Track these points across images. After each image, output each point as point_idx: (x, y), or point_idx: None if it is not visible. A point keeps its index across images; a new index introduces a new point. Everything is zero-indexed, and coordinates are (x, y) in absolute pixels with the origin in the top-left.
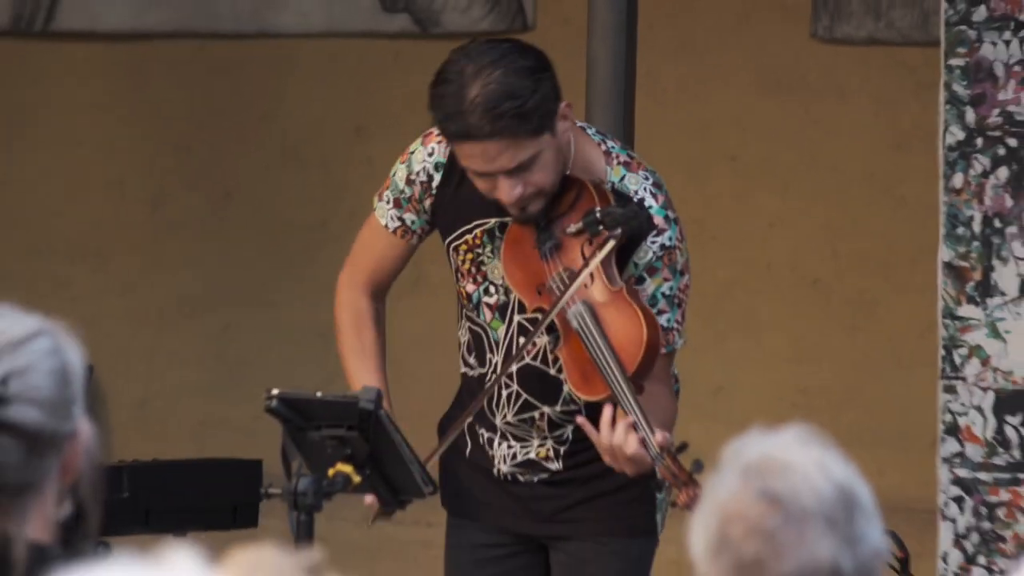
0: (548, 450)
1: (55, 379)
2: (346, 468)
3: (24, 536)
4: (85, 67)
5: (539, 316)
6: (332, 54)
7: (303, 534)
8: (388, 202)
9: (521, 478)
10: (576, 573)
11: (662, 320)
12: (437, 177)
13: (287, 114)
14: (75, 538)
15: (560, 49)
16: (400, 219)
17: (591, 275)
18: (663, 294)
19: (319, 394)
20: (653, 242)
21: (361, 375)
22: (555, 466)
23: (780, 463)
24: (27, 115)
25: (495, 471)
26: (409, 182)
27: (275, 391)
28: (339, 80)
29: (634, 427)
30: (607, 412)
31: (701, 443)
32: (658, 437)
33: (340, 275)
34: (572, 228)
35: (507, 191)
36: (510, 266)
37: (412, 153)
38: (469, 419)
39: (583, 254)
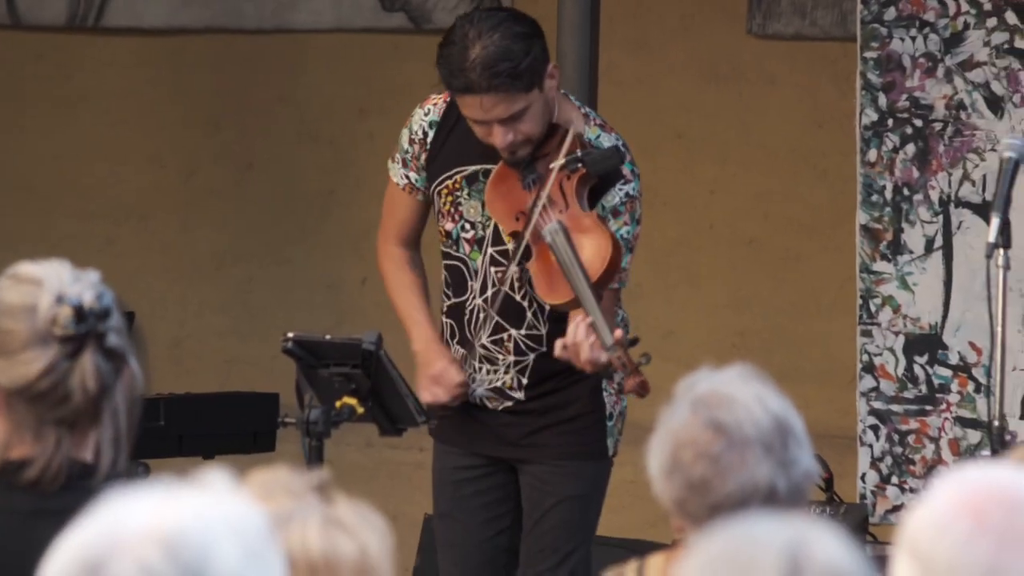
0: (512, 379)
1: (118, 311)
2: (351, 401)
3: (90, 456)
4: (130, 58)
5: (511, 246)
6: (339, 47)
7: (314, 458)
8: (398, 163)
9: (490, 405)
10: (539, 492)
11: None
12: (431, 133)
13: (301, 98)
14: (115, 456)
15: None
16: (407, 177)
17: (565, 200)
18: (622, 236)
19: (328, 337)
20: (621, 189)
21: (408, 310)
22: (519, 395)
23: (725, 396)
24: (80, 99)
25: (472, 397)
26: (411, 141)
27: (290, 334)
28: (345, 69)
29: (592, 326)
30: (574, 317)
31: (654, 380)
32: (616, 333)
33: (377, 240)
34: (554, 164)
35: (500, 137)
36: (493, 197)
37: (412, 116)
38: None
39: (561, 187)
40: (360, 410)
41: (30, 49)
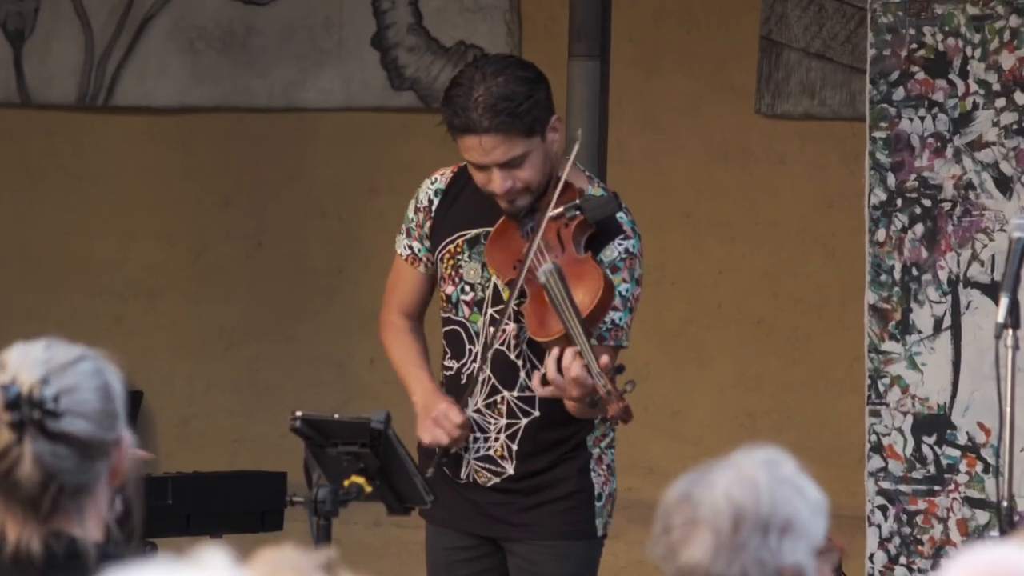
0: (503, 446)
1: (99, 395)
2: (359, 480)
3: (88, 535)
4: (140, 136)
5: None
6: (349, 125)
7: (322, 536)
8: (403, 234)
9: (480, 480)
10: (529, 573)
11: (615, 317)
12: (436, 201)
13: (310, 176)
14: (124, 535)
15: None
16: (410, 247)
17: (562, 246)
18: (620, 293)
19: (336, 416)
20: (620, 244)
21: (407, 366)
22: (508, 468)
23: (703, 473)
24: (90, 176)
25: (462, 472)
26: (416, 210)
27: (298, 413)
28: (355, 147)
29: (579, 355)
30: (553, 352)
31: (662, 459)
32: (602, 360)
33: (380, 314)
34: (553, 212)
35: (499, 183)
36: (491, 249)
37: (420, 187)
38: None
39: (559, 235)
40: (368, 489)
41: (40, 127)
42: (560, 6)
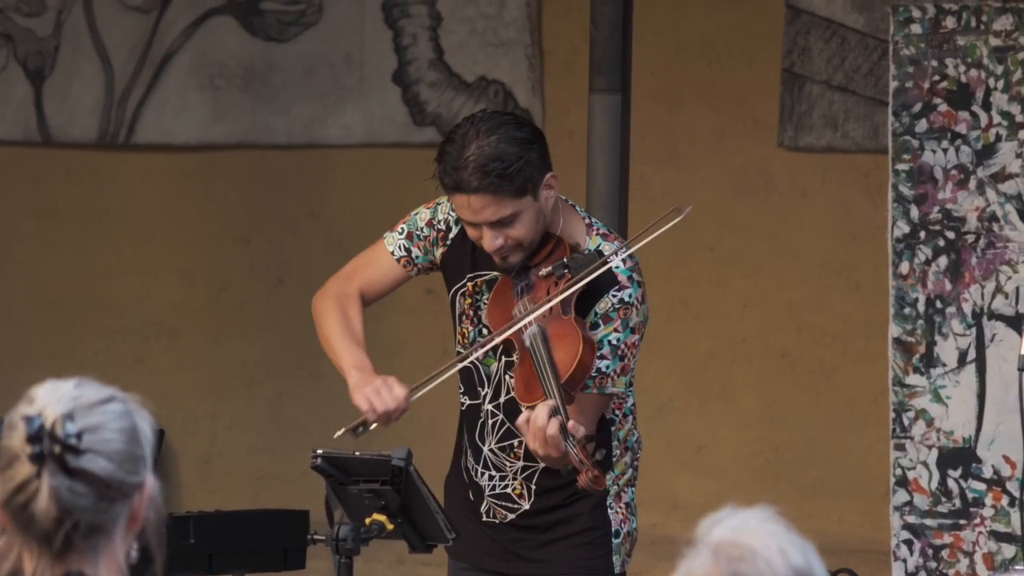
0: (520, 485)
1: (124, 436)
2: (381, 517)
3: None
4: (160, 174)
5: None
6: (370, 161)
7: (344, 575)
8: (401, 233)
9: (497, 517)
10: None
11: (601, 365)
12: (455, 230)
13: (331, 212)
14: None
15: (565, 158)
16: (407, 250)
17: (550, 308)
18: (609, 341)
19: (357, 453)
20: (614, 295)
21: (347, 348)
22: (525, 504)
23: (747, 548)
24: (111, 214)
25: (481, 507)
26: (430, 224)
27: (320, 451)
28: (376, 183)
29: (556, 413)
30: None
31: (686, 494)
32: (570, 425)
33: (326, 283)
34: (543, 271)
35: (489, 241)
36: (491, 306)
37: (439, 204)
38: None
39: (548, 293)
40: (390, 527)
41: (61, 166)
42: (581, 40)
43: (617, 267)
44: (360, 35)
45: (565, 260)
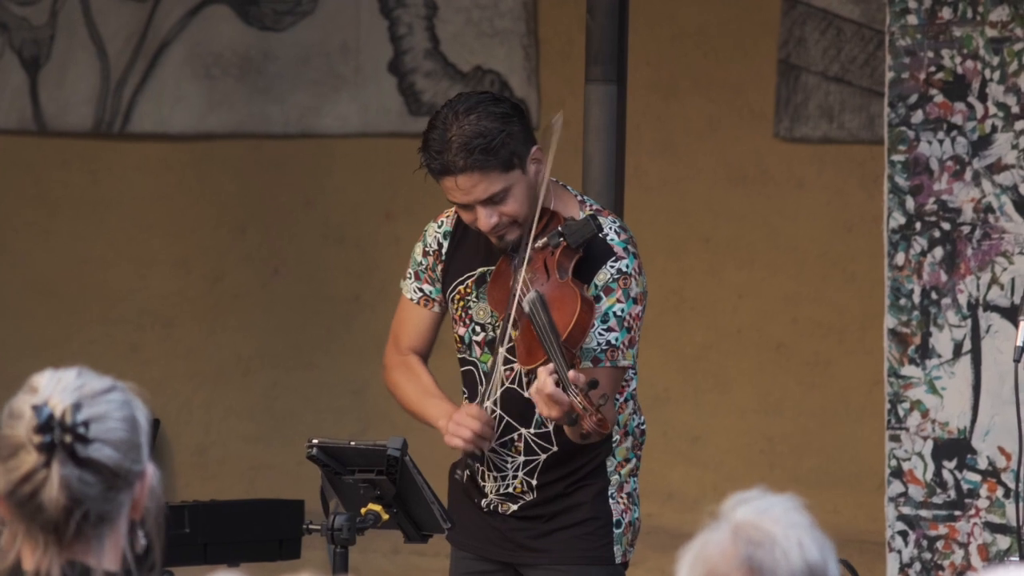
0: (521, 482)
1: (126, 425)
2: (376, 507)
3: (101, 566)
4: (156, 163)
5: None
6: (366, 151)
7: (340, 565)
8: (410, 278)
9: (500, 509)
10: None
11: (610, 337)
12: (446, 244)
13: (327, 202)
14: (143, 568)
15: (560, 148)
16: (420, 290)
17: (547, 273)
18: (615, 313)
19: (353, 443)
20: (612, 266)
21: (432, 404)
22: (529, 497)
23: (768, 534)
24: (106, 204)
25: (483, 503)
26: (424, 254)
27: (315, 440)
28: (371, 173)
29: (555, 373)
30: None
31: (682, 485)
32: (571, 375)
33: (384, 358)
34: (539, 243)
35: (484, 219)
36: (491, 289)
37: (426, 231)
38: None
39: (545, 264)
40: (385, 516)
41: (56, 155)
42: (577, 30)
43: (612, 239)
44: (356, 25)
45: (560, 228)
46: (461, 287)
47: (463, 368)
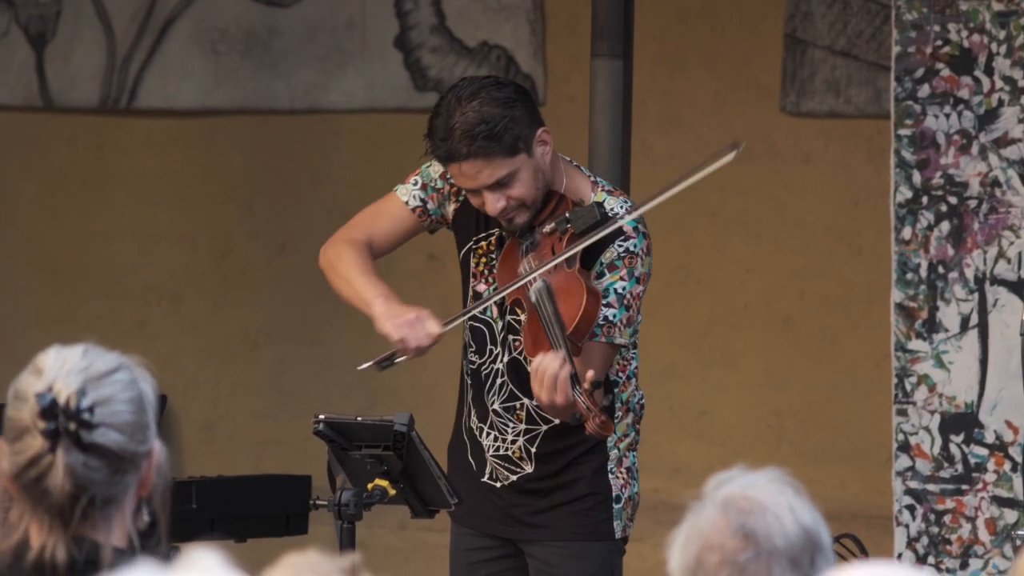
0: (520, 447)
1: (133, 407)
2: (383, 483)
3: (110, 544)
4: (162, 139)
5: (518, 309)
6: (372, 126)
7: (346, 540)
8: (415, 184)
9: (498, 480)
10: (545, 574)
11: (608, 313)
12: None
13: (334, 178)
14: (149, 543)
15: (567, 123)
16: (423, 200)
17: (552, 256)
18: (615, 290)
19: (360, 419)
20: (620, 245)
21: (370, 282)
22: (527, 467)
23: (757, 503)
24: (113, 180)
25: (483, 472)
26: (443, 177)
27: (322, 416)
28: (378, 148)
29: (564, 361)
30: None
31: (688, 459)
32: (581, 370)
33: (337, 232)
34: (547, 228)
35: (492, 204)
36: (499, 268)
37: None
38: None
39: (552, 249)
40: (392, 492)
41: (62, 131)
42: (583, 5)
43: (622, 216)
44: (361, 0)
45: (567, 215)
46: (484, 242)
47: (472, 323)
